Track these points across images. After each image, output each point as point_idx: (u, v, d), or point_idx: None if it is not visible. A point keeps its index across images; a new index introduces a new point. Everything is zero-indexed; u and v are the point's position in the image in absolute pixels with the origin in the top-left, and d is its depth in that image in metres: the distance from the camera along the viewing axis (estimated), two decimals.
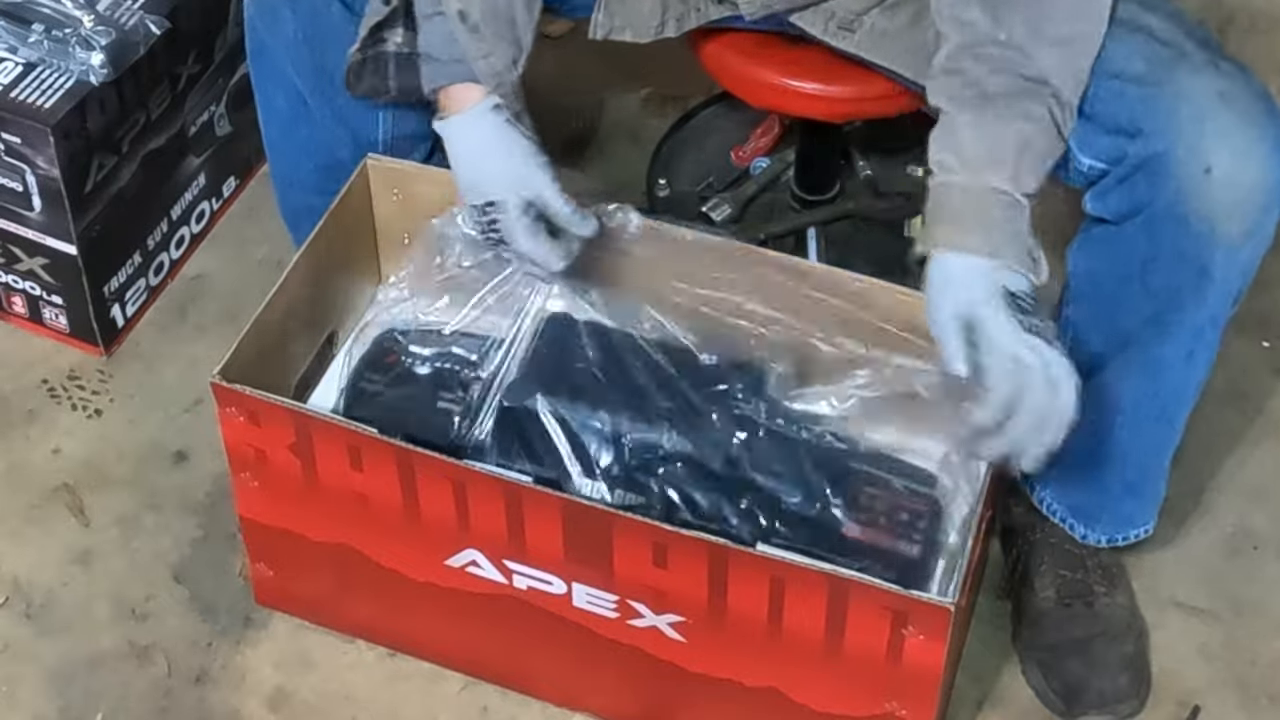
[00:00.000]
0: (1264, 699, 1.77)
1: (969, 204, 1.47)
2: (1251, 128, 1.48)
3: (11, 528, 1.91)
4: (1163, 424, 1.65)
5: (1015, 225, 1.47)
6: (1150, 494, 1.74)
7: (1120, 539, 1.75)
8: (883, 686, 1.55)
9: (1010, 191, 1.46)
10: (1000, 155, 1.47)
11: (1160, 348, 1.58)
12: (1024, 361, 1.43)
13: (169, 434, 1.99)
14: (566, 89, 2.33)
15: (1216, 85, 1.49)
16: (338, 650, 1.80)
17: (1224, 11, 2.46)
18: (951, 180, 1.48)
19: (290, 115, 1.78)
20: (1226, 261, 1.51)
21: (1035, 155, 1.47)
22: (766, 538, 1.56)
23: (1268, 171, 1.48)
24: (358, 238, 1.85)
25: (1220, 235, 1.49)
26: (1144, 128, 1.50)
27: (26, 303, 2.07)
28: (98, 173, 1.96)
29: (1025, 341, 1.44)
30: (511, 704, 1.75)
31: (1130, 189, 1.52)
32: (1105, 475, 1.70)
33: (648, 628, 1.61)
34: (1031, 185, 1.47)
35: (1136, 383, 1.61)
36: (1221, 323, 1.57)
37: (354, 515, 1.67)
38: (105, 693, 1.78)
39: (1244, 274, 1.54)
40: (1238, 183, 1.48)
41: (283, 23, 1.72)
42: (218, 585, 1.85)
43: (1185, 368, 1.59)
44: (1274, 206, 1.50)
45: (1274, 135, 1.49)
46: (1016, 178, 1.46)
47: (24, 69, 1.92)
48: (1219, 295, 1.54)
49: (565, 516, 1.56)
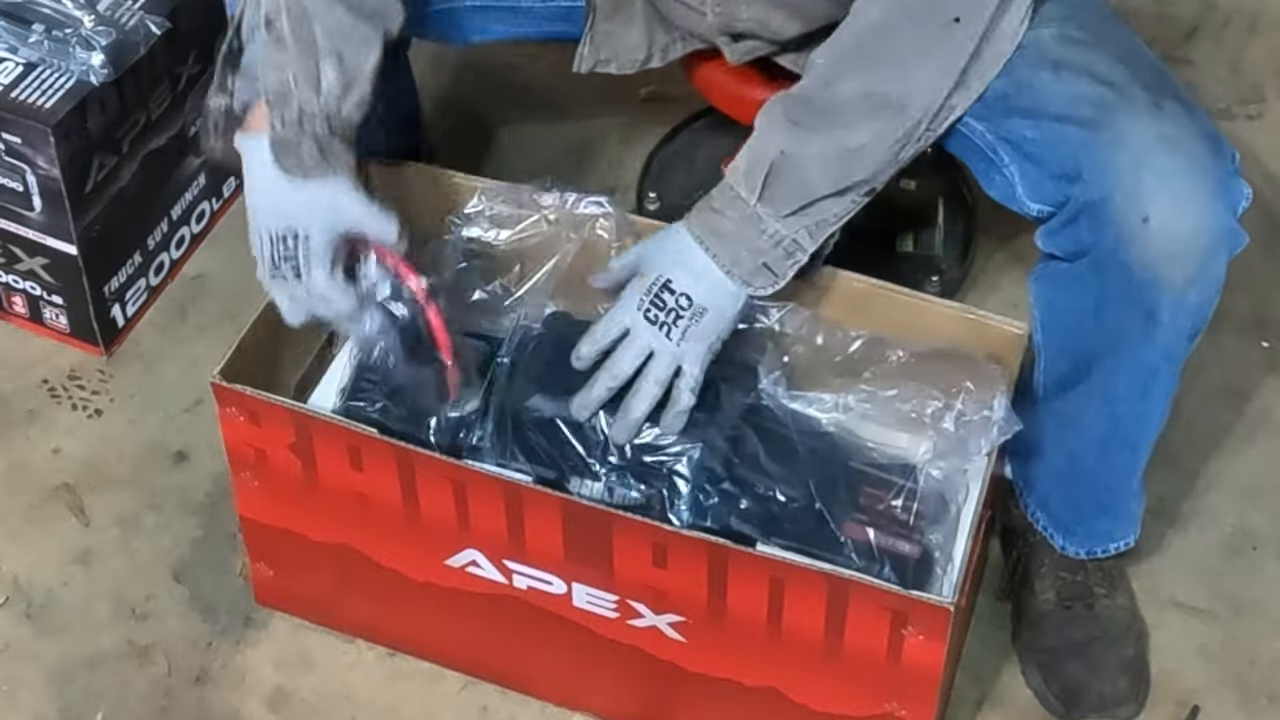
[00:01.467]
0: (1263, 699, 1.77)
1: (719, 198, 1.55)
2: (1191, 174, 1.47)
3: (12, 527, 1.91)
4: (1125, 451, 1.65)
5: (744, 235, 1.53)
6: (1124, 513, 1.73)
7: (1100, 552, 1.74)
8: (882, 686, 1.55)
9: (751, 204, 1.52)
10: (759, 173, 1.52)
11: (1115, 380, 1.58)
12: (621, 330, 1.56)
13: (169, 434, 1.99)
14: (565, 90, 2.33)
15: (1156, 129, 1.48)
16: (338, 650, 1.80)
17: (1221, 13, 2.47)
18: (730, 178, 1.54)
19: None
20: (1173, 306, 1.50)
21: (816, 204, 1.53)
22: (766, 538, 1.56)
23: (1207, 219, 1.47)
24: None
25: (1164, 282, 1.48)
26: (1084, 173, 1.49)
27: (27, 302, 2.07)
28: (98, 173, 1.96)
29: (634, 318, 1.55)
30: (511, 704, 1.76)
31: (1075, 232, 1.52)
32: (1077, 494, 1.71)
33: (648, 628, 1.61)
34: (783, 209, 1.52)
35: (1097, 410, 1.61)
36: (1179, 359, 1.57)
37: (354, 515, 1.67)
38: (105, 692, 1.78)
39: (1195, 315, 1.52)
40: (1176, 232, 1.47)
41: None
42: (218, 585, 1.86)
43: (1141, 402, 1.59)
44: (1219, 250, 1.49)
45: (1215, 180, 1.48)
46: (771, 199, 1.52)
47: (24, 69, 1.92)
48: (1169, 337, 1.53)
49: (565, 516, 1.56)
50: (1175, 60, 2.35)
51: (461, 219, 1.74)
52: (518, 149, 2.29)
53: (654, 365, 1.56)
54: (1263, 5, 2.48)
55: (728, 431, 1.60)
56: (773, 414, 1.63)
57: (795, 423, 1.62)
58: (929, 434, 1.61)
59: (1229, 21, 2.45)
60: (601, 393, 1.57)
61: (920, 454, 1.62)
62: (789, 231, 1.53)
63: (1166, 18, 2.43)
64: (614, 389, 1.57)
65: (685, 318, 1.55)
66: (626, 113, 2.33)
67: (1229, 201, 1.49)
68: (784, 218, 1.53)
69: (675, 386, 1.56)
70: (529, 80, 2.34)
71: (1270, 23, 2.46)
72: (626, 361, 1.56)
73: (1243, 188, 1.51)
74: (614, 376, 1.57)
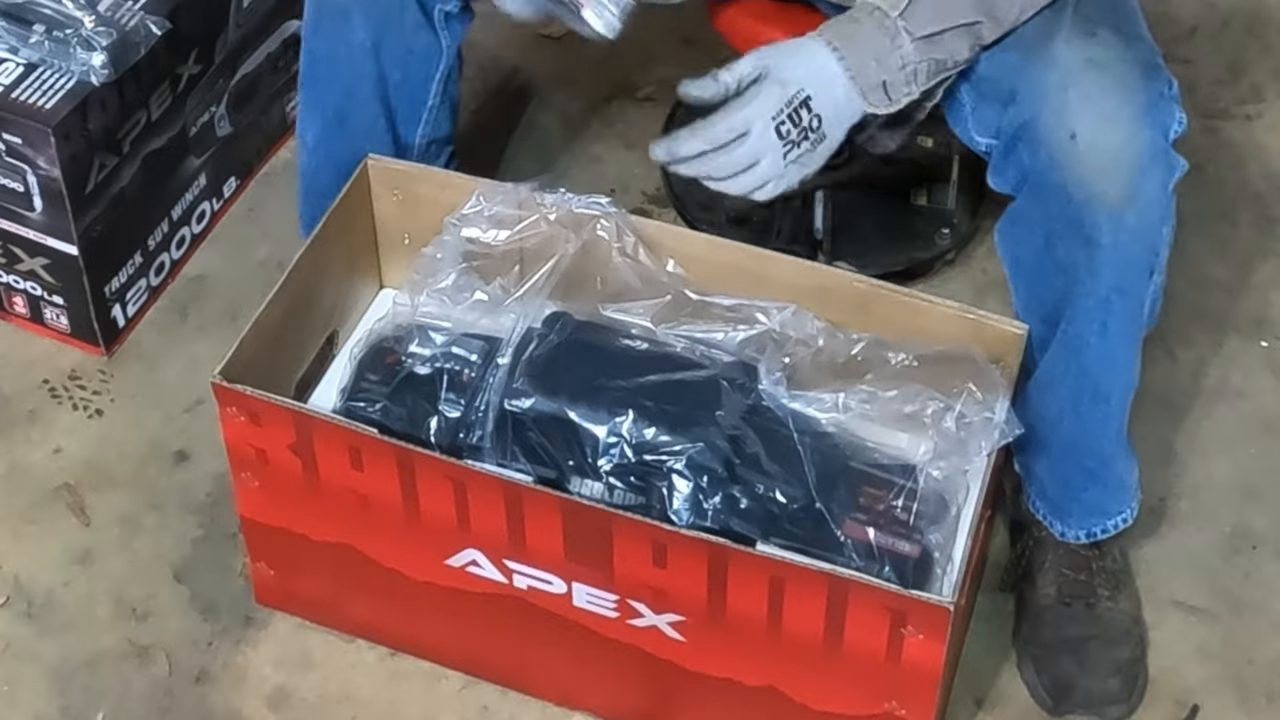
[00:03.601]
0: (1262, 698, 1.77)
1: (860, 9, 1.56)
2: (1117, 92, 1.52)
3: (12, 527, 1.92)
4: (1099, 403, 1.65)
5: (878, 46, 1.54)
6: (1113, 481, 1.73)
7: (1099, 531, 1.74)
8: (882, 686, 1.56)
9: (891, 17, 1.53)
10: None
11: (1074, 324, 1.60)
12: (745, 130, 1.54)
13: (170, 434, 1.99)
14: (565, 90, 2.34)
15: (1087, 53, 1.54)
16: (338, 650, 1.80)
17: (1221, 14, 2.47)
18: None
19: (333, 121, 1.83)
20: (1112, 227, 1.53)
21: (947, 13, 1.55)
22: (766, 537, 1.56)
23: (1133, 135, 1.51)
24: (358, 238, 1.85)
25: (1098, 199, 1.52)
26: (1018, 96, 1.56)
27: (28, 303, 2.07)
28: (99, 173, 1.96)
29: (763, 125, 1.54)
30: (511, 703, 1.76)
31: (1015, 160, 1.58)
32: (1064, 467, 1.72)
33: (647, 627, 1.62)
34: (920, 29, 1.54)
35: (1065, 365, 1.63)
36: (1133, 294, 1.58)
37: (354, 515, 1.67)
38: (106, 692, 1.78)
39: (1139, 242, 1.55)
40: (1103, 147, 1.51)
41: (353, 29, 1.77)
42: (218, 585, 1.86)
43: (1101, 341, 1.60)
44: (1150, 169, 1.52)
45: (1142, 100, 1.52)
46: (912, 15, 1.53)
47: (25, 69, 1.92)
48: (1114, 263, 1.55)
49: (565, 516, 1.56)
50: (1175, 60, 2.35)
51: (461, 219, 1.74)
52: (517, 149, 2.29)
53: (750, 174, 1.57)
54: (1262, 5, 2.48)
55: (728, 431, 1.60)
56: (773, 414, 1.63)
57: (795, 423, 1.62)
58: (929, 434, 1.62)
59: (1228, 22, 2.45)
60: (688, 170, 1.59)
61: (920, 454, 1.62)
62: (915, 58, 1.55)
63: (1166, 18, 2.43)
64: (702, 175, 1.59)
65: (810, 140, 1.56)
66: (626, 113, 2.34)
67: (1157, 120, 1.53)
68: (916, 40, 1.54)
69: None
70: (530, 81, 2.34)
71: (1269, 23, 2.46)
72: (728, 167, 1.57)
73: (1175, 112, 1.55)
74: (712, 171, 1.58)
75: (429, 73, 1.84)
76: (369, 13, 1.77)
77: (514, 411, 1.62)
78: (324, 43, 1.81)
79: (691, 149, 1.58)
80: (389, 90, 1.82)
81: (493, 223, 1.74)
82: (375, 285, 1.92)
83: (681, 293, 1.72)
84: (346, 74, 1.81)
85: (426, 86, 1.85)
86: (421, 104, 1.85)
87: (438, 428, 1.64)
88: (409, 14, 1.78)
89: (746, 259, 1.73)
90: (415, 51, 1.82)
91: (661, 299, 1.71)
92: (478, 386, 1.64)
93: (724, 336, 1.68)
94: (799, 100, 1.55)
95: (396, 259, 1.88)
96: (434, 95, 1.86)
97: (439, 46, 1.82)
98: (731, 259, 1.73)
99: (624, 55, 2.29)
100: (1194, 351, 2.04)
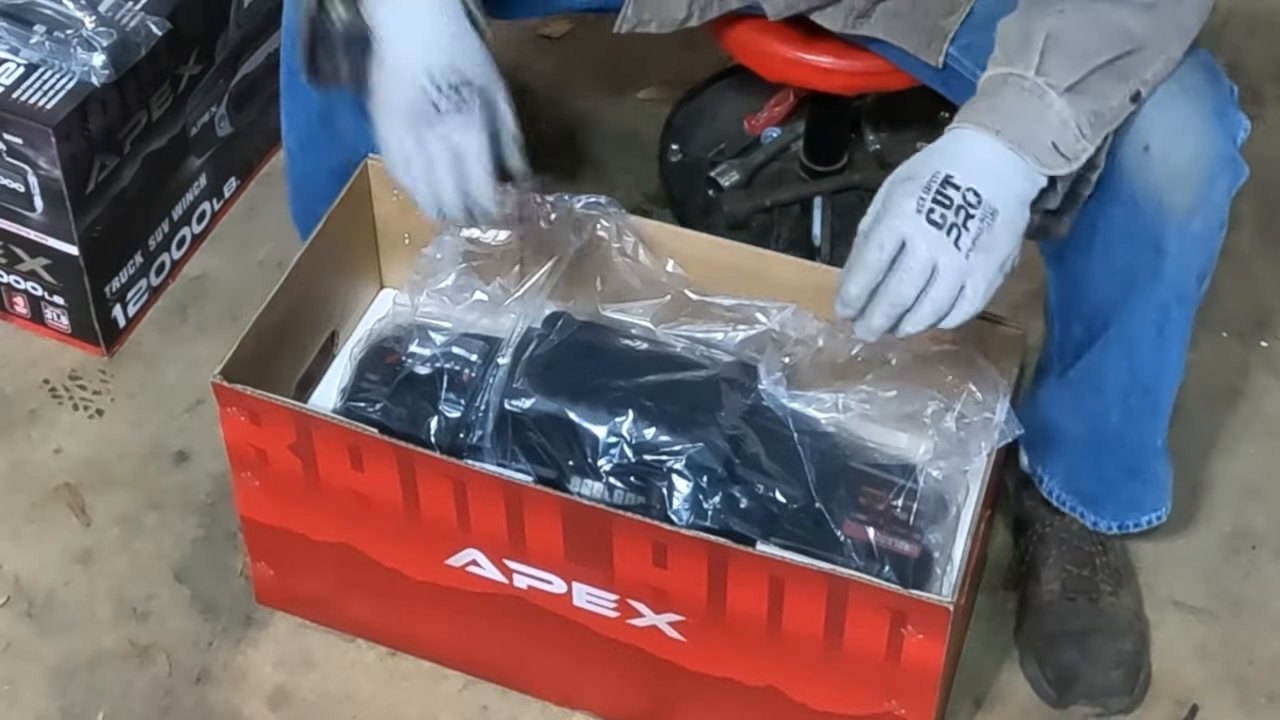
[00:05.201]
0: (1261, 698, 1.78)
1: (989, 86, 1.43)
2: (1188, 101, 1.48)
3: (13, 527, 1.92)
4: (1147, 403, 1.65)
5: (1030, 109, 1.40)
6: (1152, 478, 1.74)
7: (1132, 524, 1.75)
8: (882, 685, 1.56)
9: (1029, 77, 1.40)
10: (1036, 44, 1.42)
11: (1129, 326, 1.58)
12: (898, 243, 1.37)
13: (170, 434, 2.00)
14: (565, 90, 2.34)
15: None
16: (338, 649, 1.80)
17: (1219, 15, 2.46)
18: (993, 71, 1.44)
19: (313, 129, 1.80)
20: (1179, 236, 1.50)
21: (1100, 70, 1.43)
22: (766, 537, 1.57)
23: (1206, 144, 1.49)
24: (358, 238, 1.85)
25: (1168, 210, 1.49)
26: None
27: (28, 303, 2.08)
28: (99, 173, 1.96)
29: (914, 224, 1.37)
30: (511, 703, 1.76)
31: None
32: (1103, 461, 1.71)
33: (647, 627, 1.62)
34: (1064, 79, 1.40)
35: (1115, 364, 1.61)
36: (1190, 300, 1.57)
37: (354, 515, 1.67)
38: (106, 692, 1.78)
39: (1200, 248, 1.53)
40: (1176, 158, 1.48)
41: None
42: (219, 585, 1.86)
43: (1157, 343, 1.59)
44: (1219, 177, 1.50)
45: (1212, 106, 1.50)
46: (1049, 68, 1.41)
47: (26, 70, 1.92)
48: (1177, 271, 1.53)
49: (565, 516, 1.56)
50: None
51: None
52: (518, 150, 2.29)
53: (937, 284, 1.37)
54: (1261, 6, 2.48)
55: (728, 431, 1.60)
56: (773, 414, 1.63)
57: (795, 423, 1.63)
58: (929, 434, 1.62)
59: (1228, 22, 2.45)
60: (883, 322, 1.39)
61: (920, 454, 1.63)
62: (1072, 111, 1.41)
63: None
64: (896, 317, 1.39)
65: (976, 218, 1.37)
66: (626, 113, 2.34)
67: (1227, 128, 1.51)
68: (1065, 92, 1.40)
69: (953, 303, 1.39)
70: (530, 82, 2.34)
71: (1269, 23, 2.46)
72: (909, 284, 1.37)
73: (1240, 118, 1.53)
74: (895, 304, 1.38)
75: None
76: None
77: (514, 411, 1.62)
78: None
79: (859, 286, 1.38)
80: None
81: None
82: (375, 285, 1.92)
83: (681, 293, 1.72)
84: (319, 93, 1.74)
85: None
86: None
87: (438, 428, 1.64)
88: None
89: (746, 259, 1.73)
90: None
91: (661, 299, 1.71)
92: (478, 386, 1.65)
93: (724, 336, 1.69)
94: (937, 181, 1.38)
95: (396, 259, 1.88)
96: None
97: None
98: (731, 259, 1.73)
99: (624, 56, 2.29)
100: (1194, 352, 2.02)
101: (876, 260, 1.38)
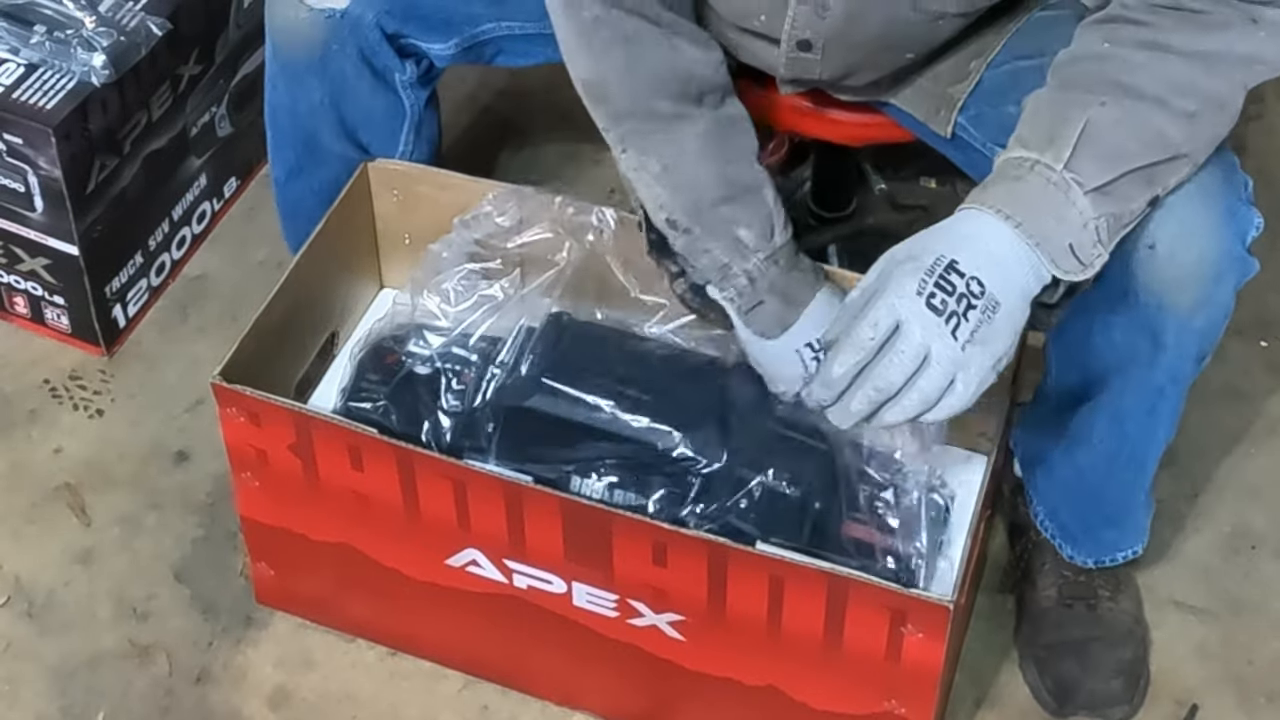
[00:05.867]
0: (1261, 698, 1.78)
1: (1012, 169, 1.38)
2: (1198, 201, 1.42)
3: (13, 527, 1.92)
4: (1133, 468, 1.64)
5: (1053, 203, 1.34)
6: (1131, 525, 1.72)
7: (1108, 560, 1.74)
8: (882, 685, 1.56)
9: (1057, 170, 1.35)
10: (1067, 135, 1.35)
11: (1123, 399, 1.55)
12: (892, 324, 1.32)
13: (170, 434, 2.00)
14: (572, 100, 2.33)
15: None
16: (338, 649, 1.80)
17: None
18: (1010, 154, 1.39)
19: (299, 157, 1.81)
20: (1179, 330, 1.47)
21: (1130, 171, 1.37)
22: (766, 537, 1.57)
23: (1213, 246, 1.44)
24: (358, 238, 1.86)
25: (1169, 308, 1.45)
26: None
27: (28, 303, 2.08)
28: (99, 173, 1.96)
29: (913, 307, 1.31)
30: (511, 703, 1.76)
31: None
32: (1084, 508, 1.70)
33: (647, 627, 1.62)
34: (1092, 180, 1.35)
35: (1104, 427, 1.59)
36: (1186, 380, 1.54)
37: (354, 515, 1.67)
38: (107, 692, 1.78)
39: (1201, 339, 1.49)
40: (1182, 259, 1.43)
41: (309, 90, 1.74)
42: (219, 585, 1.86)
43: (1148, 420, 1.57)
44: (1225, 278, 1.46)
45: (1224, 207, 1.44)
46: (1080, 165, 1.35)
47: (26, 70, 1.92)
48: (1175, 360, 1.50)
49: (565, 516, 1.56)
50: None
51: (470, 220, 1.74)
52: (516, 151, 2.29)
53: (927, 374, 1.32)
54: None
55: (728, 431, 1.60)
56: (773, 414, 1.63)
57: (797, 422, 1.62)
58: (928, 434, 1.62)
59: None
60: (863, 408, 1.34)
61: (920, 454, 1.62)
62: (1094, 213, 1.35)
63: None
64: (879, 403, 1.33)
65: (978, 309, 1.31)
66: None
67: (1237, 229, 1.46)
68: (1089, 193, 1.34)
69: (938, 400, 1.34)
70: (531, 85, 2.34)
71: None
72: (898, 370, 1.32)
73: (1253, 216, 1.47)
74: (880, 390, 1.33)
75: (394, 127, 1.79)
76: (323, 77, 1.72)
77: (514, 411, 1.62)
78: (284, 98, 1.77)
79: (844, 365, 1.33)
80: (357, 134, 1.78)
81: (501, 226, 1.74)
82: (375, 285, 1.92)
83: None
84: (308, 125, 1.77)
85: (395, 137, 1.80)
86: (393, 148, 1.80)
87: (438, 428, 1.64)
88: (364, 81, 1.73)
89: None
90: (376, 113, 1.76)
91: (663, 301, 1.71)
92: (478, 386, 1.65)
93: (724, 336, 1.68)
94: (941, 266, 1.32)
95: (396, 259, 1.88)
96: (405, 142, 1.80)
97: (402, 106, 1.76)
98: None
99: None
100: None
101: (869, 339, 1.32)
